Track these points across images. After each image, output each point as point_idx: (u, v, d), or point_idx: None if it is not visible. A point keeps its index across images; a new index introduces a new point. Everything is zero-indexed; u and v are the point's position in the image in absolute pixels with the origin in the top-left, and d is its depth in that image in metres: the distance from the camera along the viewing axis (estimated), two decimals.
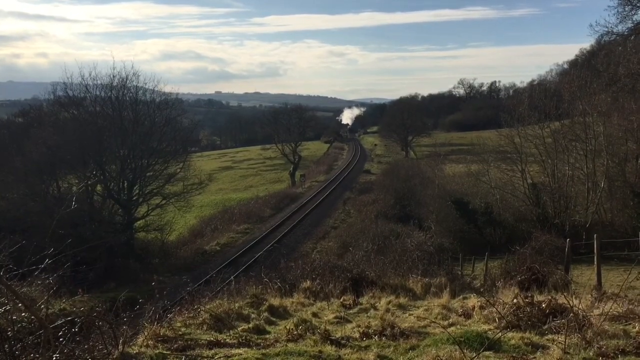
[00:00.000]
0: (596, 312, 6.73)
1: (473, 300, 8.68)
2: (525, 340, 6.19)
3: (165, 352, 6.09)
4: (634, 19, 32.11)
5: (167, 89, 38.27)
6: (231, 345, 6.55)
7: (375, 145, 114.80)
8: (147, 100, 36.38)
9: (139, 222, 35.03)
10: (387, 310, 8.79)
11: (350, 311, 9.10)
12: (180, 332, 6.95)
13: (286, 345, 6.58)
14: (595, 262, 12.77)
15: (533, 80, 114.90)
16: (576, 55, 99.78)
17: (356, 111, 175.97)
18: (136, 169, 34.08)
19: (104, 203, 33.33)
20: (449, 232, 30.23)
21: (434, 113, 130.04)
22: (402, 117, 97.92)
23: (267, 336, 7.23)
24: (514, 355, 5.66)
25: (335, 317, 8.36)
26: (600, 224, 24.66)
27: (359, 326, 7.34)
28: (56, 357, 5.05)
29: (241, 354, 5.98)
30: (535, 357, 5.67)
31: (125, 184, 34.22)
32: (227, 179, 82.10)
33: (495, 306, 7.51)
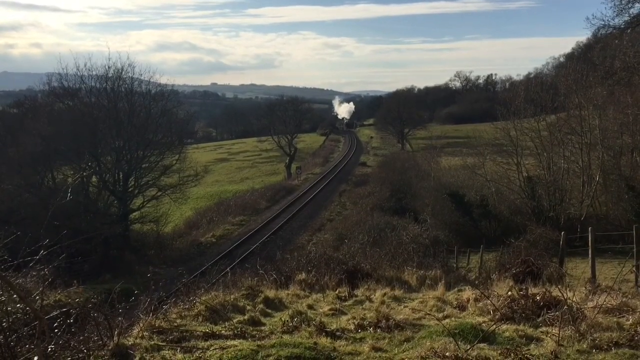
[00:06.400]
0: (590, 304, 6.76)
1: (468, 293, 8.70)
2: (520, 333, 6.22)
3: (160, 343, 6.09)
4: (630, 12, 32.04)
5: (163, 80, 38.15)
6: (226, 337, 6.55)
7: (372, 137, 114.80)
8: (142, 91, 36.28)
9: (134, 214, 34.98)
10: (382, 303, 8.82)
11: (346, 303, 9.12)
12: (175, 324, 6.95)
13: (281, 336, 6.59)
14: (590, 255, 12.84)
15: (529, 73, 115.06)
16: (572, 49, 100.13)
17: (350, 106, 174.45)
18: (131, 160, 33.97)
19: (99, 194, 33.22)
20: (445, 225, 30.31)
21: (430, 106, 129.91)
22: (398, 110, 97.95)
23: (263, 328, 7.24)
24: (508, 347, 5.68)
25: (331, 309, 8.37)
26: (595, 217, 24.76)
27: (354, 318, 7.36)
28: (51, 348, 5.05)
29: (236, 346, 5.99)
30: (529, 350, 5.70)
31: (121, 176, 34.14)
32: (223, 171, 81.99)
33: (490, 299, 7.54)
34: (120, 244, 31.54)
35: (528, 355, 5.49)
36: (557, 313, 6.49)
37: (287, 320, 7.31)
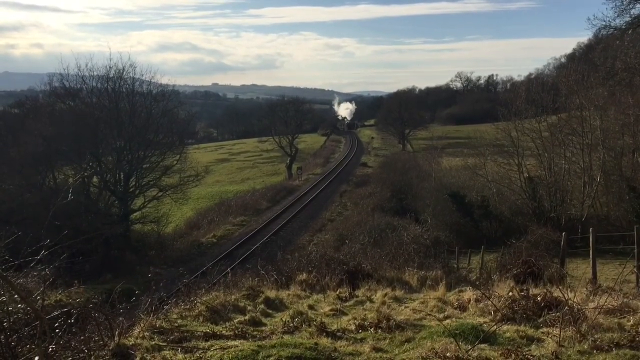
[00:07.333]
0: (591, 305, 6.76)
1: (469, 293, 8.70)
2: (520, 333, 6.22)
3: (161, 343, 6.09)
4: (631, 13, 32.10)
5: (164, 80, 38.16)
6: (227, 337, 6.56)
7: (372, 138, 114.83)
8: (143, 91, 36.27)
9: (135, 214, 34.98)
10: (383, 303, 8.82)
11: (346, 304, 9.12)
12: (176, 324, 6.96)
13: (282, 337, 6.59)
14: (591, 256, 12.84)
15: (530, 74, 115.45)
16: (574, 49, 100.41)
17: (349, 106, 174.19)
18: (132, 160, 33.97)
19: (100, 195, 33.24)
20: (445, 225, 30.28)
21: (431, 106, 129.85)
22: (399, 110, 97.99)
23: (263, 328, 7.24)
24: (509, 348, 5.68)
25: (331, 310, 8.38)
26: (596, 218, 24.73)
27: (354, 318, 7.36)
28: (52, 348, 5.05)
29: (237, 346, 5.99)
30: (530, 350, 5.70)
31: (122, 176, 34.14)
32: (224, 171, 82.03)
33: (491, 299, 7.54)
34: (121, 244, 31.54)
35: (529, 356, 5.49)
36: (558, 314, 6.49)
37: (288, 321, 7.31)
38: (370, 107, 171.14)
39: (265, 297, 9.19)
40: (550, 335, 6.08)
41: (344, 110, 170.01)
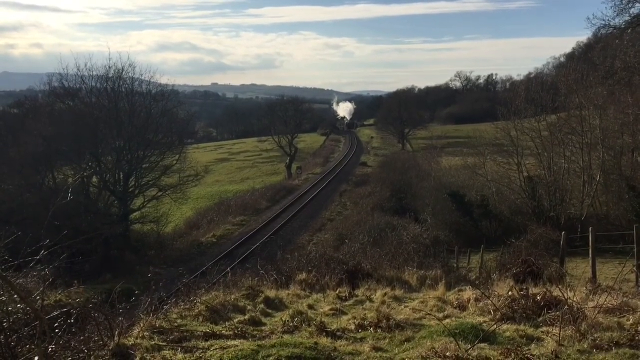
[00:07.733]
0: (590, 304, 6.76)
1: (468, 293, 8.70)
2: (520, 333, 6.22)
3: (161, 343, 6.09)
4: (630, 12, 32.00)
5: (163, 80, 38.21)
6: (227, 337, 6.56)
7: (372, 137, 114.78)
8: (143, 91, 36.28)
9: (134, 214, 34.97)
10: (383, 302, 8.82)
11: (346, 303, 9.12)
12: (176, 324, 6.95)
13: (282, 336, 6.59)
14: (590, 255, 12.83)
15: (530, 73, 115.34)
16: (573, 48, 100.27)
17: (348, 105, 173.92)
18: (132, 160, 33.96)
19: (100, 194, 33.21)
20: (445, 225, 30.29)
21: (430, 105, 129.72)
22: (399, 110, 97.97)
23: (263, 328, 7.24)
24: (509, 347, 5.68)
25: (331, 309, 8.38)
26: (596, 217, 24.73)
27: (354, 318, 7.36)
28: (52, 348, 5.05)
29: (237, 345, 5.99)
30: (529, 349, 5.70)
31: (121, 176, 34.12)
32: (224, 171, 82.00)
33: (490, 298, 7.54)
34: (120, 244, 31.52)
35: (528, 355, 5.49)
36: (557, 313, 6.49)
37: (288, 320, 7.31)
38: (370, 106, 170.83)
39: (264, 296, 9.19)
40: (549, 335, 6.08)
41: (343, 109, 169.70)
